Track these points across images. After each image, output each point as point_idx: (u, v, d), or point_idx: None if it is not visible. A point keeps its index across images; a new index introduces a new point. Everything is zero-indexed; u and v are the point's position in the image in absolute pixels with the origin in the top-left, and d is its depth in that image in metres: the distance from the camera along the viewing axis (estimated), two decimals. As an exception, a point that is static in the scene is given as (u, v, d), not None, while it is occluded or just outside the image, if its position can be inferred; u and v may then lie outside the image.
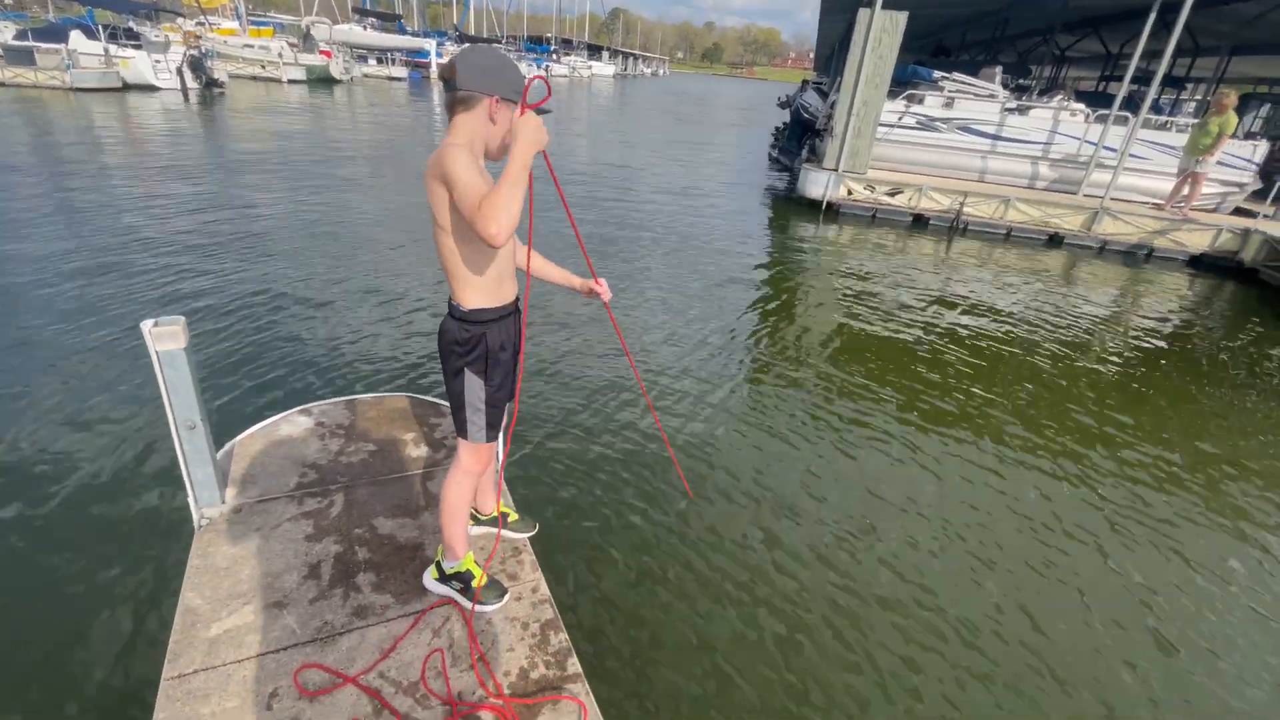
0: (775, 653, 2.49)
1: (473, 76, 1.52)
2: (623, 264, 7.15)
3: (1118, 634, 2.75)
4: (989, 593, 2.91)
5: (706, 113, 34.41)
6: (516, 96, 1.58)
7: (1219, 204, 10.53)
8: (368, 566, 2.03)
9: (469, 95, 1.53)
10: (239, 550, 2.03)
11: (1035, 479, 3.82)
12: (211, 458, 2.11)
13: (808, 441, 3.97)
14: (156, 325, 1.86)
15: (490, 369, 1.70)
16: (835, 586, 2.84)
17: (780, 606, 2.71)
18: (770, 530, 3.15)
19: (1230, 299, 8.35)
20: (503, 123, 1.59)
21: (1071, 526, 3.41)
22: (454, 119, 1.57)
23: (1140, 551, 3.28)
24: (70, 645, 2.27)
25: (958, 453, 4.00)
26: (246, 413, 3.59)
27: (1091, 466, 3.99)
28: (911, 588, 2.88)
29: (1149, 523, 3.51)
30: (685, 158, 16.45)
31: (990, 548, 3.20)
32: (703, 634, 2.53)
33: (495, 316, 1.68)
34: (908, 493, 3.56)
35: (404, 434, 2.73)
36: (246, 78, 26.52)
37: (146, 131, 12.71)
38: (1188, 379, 5.58)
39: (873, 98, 9.95)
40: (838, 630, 2.63)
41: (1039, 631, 2.72)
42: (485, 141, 1.59)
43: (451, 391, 1.74)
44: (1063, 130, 10.63)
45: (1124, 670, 2.58)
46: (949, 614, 2.76)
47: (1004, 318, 6.58)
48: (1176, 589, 3.05)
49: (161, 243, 6.32)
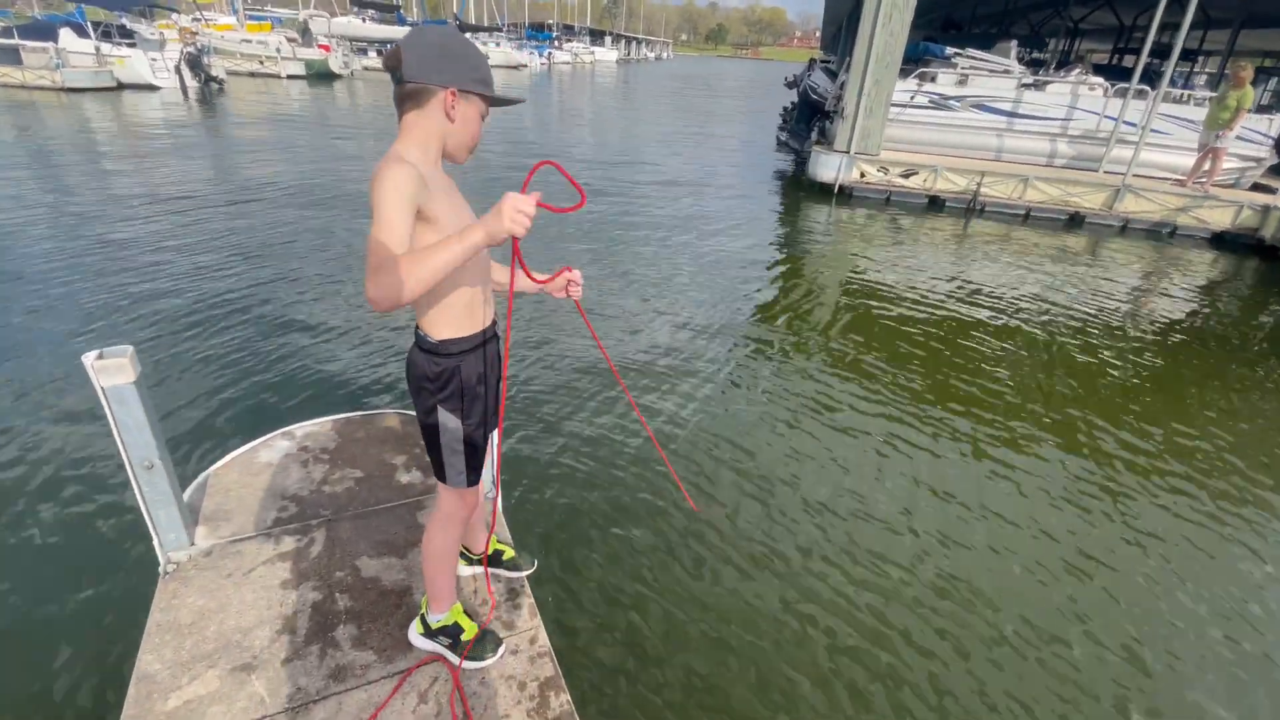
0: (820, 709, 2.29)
1: (423, 64, 1.24)
2: (629, 254, 6.91)
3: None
4: (1053, 598, 2.69)
5: (712, 96, 33.87)
6: (481, 87, 1.32)
7: (1237, 179, 10.12)
8: (348, 617, 1.83)
9: (419, 88, 1.26)
10: (206, 601, 1.84)
11: (1068, 464, 3.59)
12: (175, 497, 1.91)
13: (828, 437, 3.74)
14: (100, 358, 1.65)
15: (468, 406, 1.48)
16: (886, 622, 2.63)
17: (823, 654, 2.49)
18: (795, 546, 2.93)
19: (1255, 277, 8.01)
20: (464, 119, 1.32)
21: (1101, 509, 3.18)
22: (404, 118, 1.30)
23: (1161, 532, 3.05)
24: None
25: (988, 443, 3.77)
26: (228, 435, 3.37)
27: (1126, 453, 3.75)
28: (962, 593, 2.66)
29: (1173, 506, 3.27)
30: (691, 144, 16.10)
31: (1036, 541, 2.97)
32: (725, 690, 2.31)
33: (470, 346, 1.46)
34: (938, 483, 3.34)
35: (394, 457, 2.53)
36: (245, 74, 26.26)
37: (147, 133, 12.50)
38: (1213, 360, 5.33)
39: (884, 77, 9.59)
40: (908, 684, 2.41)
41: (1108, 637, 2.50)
42: (443, 141, 1.33)
43: (426, 432, 1.52)
44: (1081, 105, 10.22)
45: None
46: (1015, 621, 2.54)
47: (1025, 301, 6.29)
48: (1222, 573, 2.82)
49: (150, 252, 6.14)
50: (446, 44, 1.27)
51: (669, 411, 3.96)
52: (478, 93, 1.32)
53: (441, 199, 1.30)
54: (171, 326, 4.58)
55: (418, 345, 1.46)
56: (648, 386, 4.24)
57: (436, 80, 1.26)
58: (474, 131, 1.37)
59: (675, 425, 3.82)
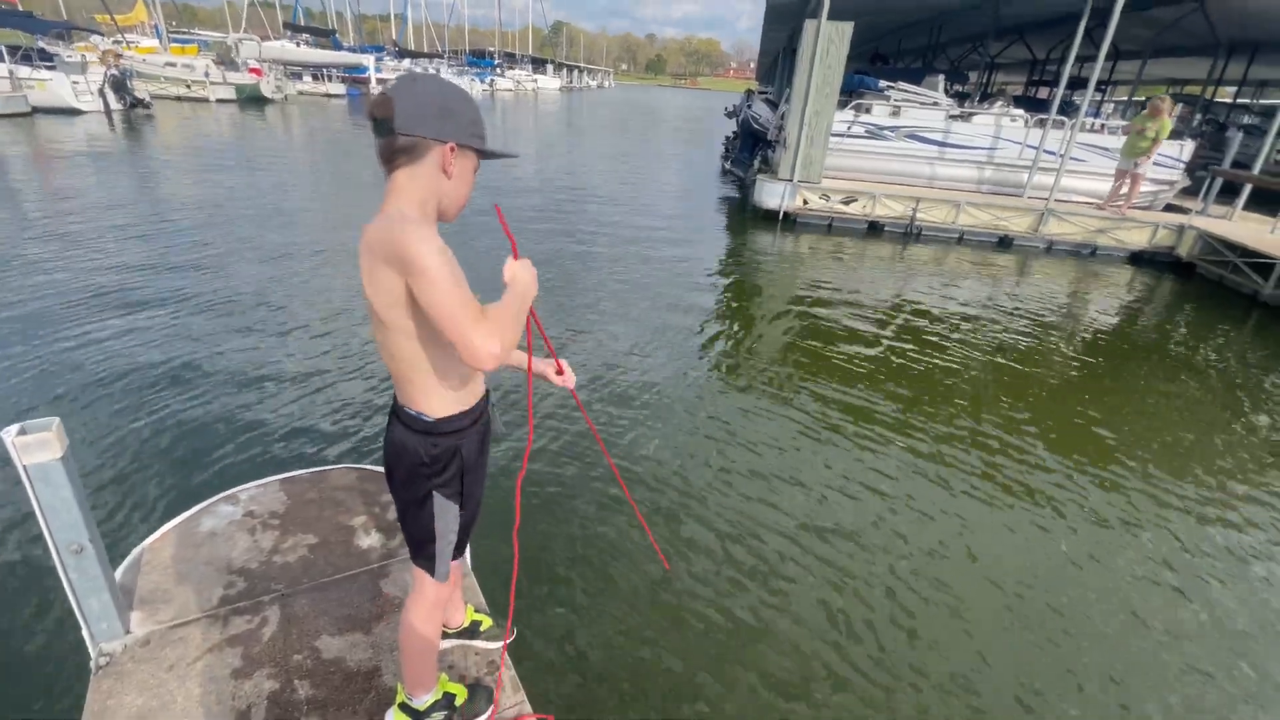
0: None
1: (419, 116, 1.14)
2: (574, 285, 6.85)
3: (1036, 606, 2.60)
4: (1026, 652, 2.73)
5: (655, 125, 34.49)
6: (478, 142, 1.24)
7: (1151, 202, 10.94)
8: (311, 707, 1.67)
9: (414, 142, 1.15)
10: (146, 700, 1.64)
11: (1003, 466, 3.70)
12: (107, 581, 1.72)
13: (787, 462, 3.74)
14: (22, 434, 1.47)
15: (469, 488, 1.36)
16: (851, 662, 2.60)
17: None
18: (764, 587, 2.89)
19: (1170, 292, 8.63)
20: (460, 177, 1.23)
21: (1026, 512, 3.29)
22: (394, 174, 1.18)
23: (1074, 522, 3.17)
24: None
25: (940, 460, 3.85)
26: (161, 502, 3.07)
27: (1061, 459, 3.91)
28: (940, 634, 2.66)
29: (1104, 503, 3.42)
30: (637, 172, 16.29)
31: (1004, 587, 3.02)
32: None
33: (470, 421, 1.34)
34: (873, 483, 3.37)
35: (351, 518, 2.36)
36: (171, 98, 25.09)
37: (74, 162, 11.70)
38: (1134, 370, 5.70)
39: (824, 107, 9.95)
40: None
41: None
42: (438, 200, 1.23)
43: (413, 522, 1.38)
44: (1004, 135, 10.87)
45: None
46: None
47: (960, 318, 6.56)
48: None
49: (69, 300, 5.70)
50: (444, 96, 1.18)
51: (627, 456, 3.89)
52: (474, 148, 1.24)
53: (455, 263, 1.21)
54: (88, 380, 4.20)
55: (406, 425, 1.31)
56: (599, 414, 4.16)
57: (434, 134, 1.16)
58: (467, 190, 1.28)
59: (635, 462, 3.75)
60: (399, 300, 1.14)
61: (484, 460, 1.44)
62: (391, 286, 1.13)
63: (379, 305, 1.17)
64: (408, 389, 1.28)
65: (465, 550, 1.53)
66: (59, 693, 2.19)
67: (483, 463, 1.43)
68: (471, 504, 1.41)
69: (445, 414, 1.30)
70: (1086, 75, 10.78)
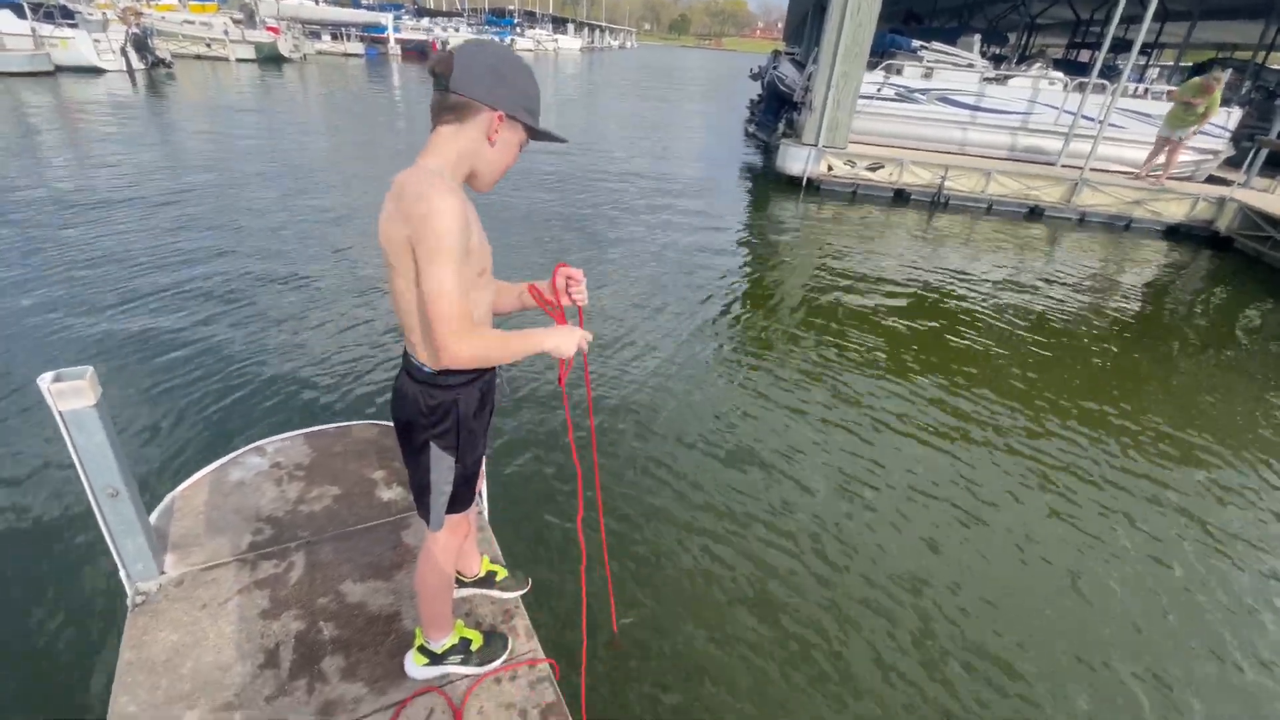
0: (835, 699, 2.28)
1: (476, 78, 1.17)
2: (591, 252, 6.81)
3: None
4: (1052, 633, 2.75)
5: (678, 86, 33.72)
6: (529, 118, 1.25)
7: (1193, 172, 10.52)
8: (335, 646, 1.74)
9: (465, 102, 1.18)
10: (180, 636, 1.73)
11: (1036, 446, 3.68)
12: (142, 524, 1.79)
13: (798, 431, 3.75)
14: (58, 380, 1.52)
15: (463, 442, 1.39)
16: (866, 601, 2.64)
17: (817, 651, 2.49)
18: (785, 550, 2.93)
19: (1207, 267, 8.36)
20: (504, 148, 1.25)
21: (1055, 490, 3.27)
22: (438, 128, 1.21)
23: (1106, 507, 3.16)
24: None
25: (957, 436, 3.83)
26: (192, 453, 3.18)
27: (1080, 433, 3.86)
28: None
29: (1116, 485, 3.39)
30: (659, 135, 16.01)
31: (1024, 547, 3.03)
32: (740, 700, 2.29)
33: (470, 379, 1.36)
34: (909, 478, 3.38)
35: (374, 471, 2.43)
36: (191, 57, 25.04)
37: (100, 121, 11.78)
38: (1163, 352, 5.57)
39: (852, 69, 9.64)
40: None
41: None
42: (474, 165, 1.25)
43: (412, 470, 1.43)
44: (1041, 100, 10.47)
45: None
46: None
47: (988, 293, 6.43)
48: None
49: (102, 258, 5.81)
50: (503, 64, 1.20)
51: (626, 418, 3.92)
52: (524, 123, 1.26)
53: (476, 229, 1.24)
54: (123, 337, 4.31)
55: (409, 375, 1.35)
56: (605, 384, 4.19)
57: (486, 99, 1.18)
58: (509, 162, 1.30)
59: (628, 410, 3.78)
60: (407, 252, 1.16)
61: (484, 419, 1.46)
62: (402, 238, 1.15)
63: (391, 251, 1.19)
64: (412, 338, 1.31)
65: (474, 504, 1.56)
66: (94, 632, 2.31)
67: (482, 421, 1.45)
68: (469, 460, 1.43)
69: (443, 368, 1.31)
70: (1131, 38, 10.28)
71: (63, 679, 2.15)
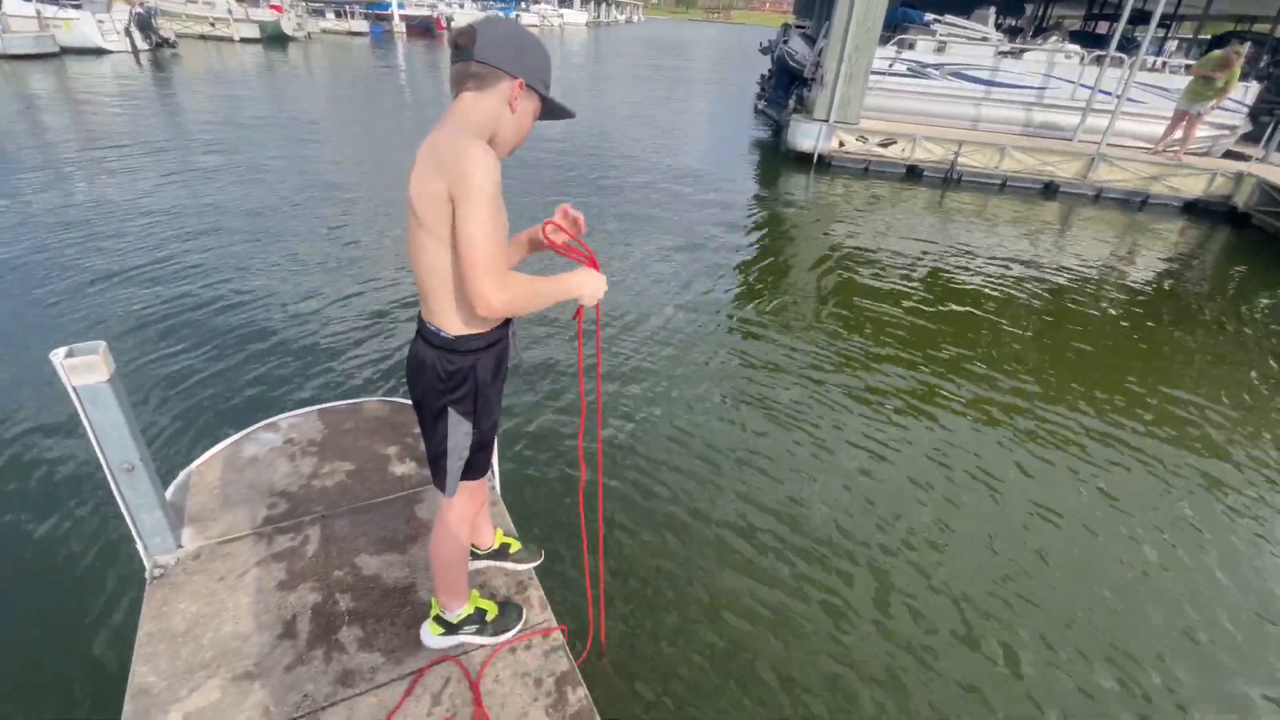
0: (840, 686, 2.30)
1: (498, 49, 1.23)
2: (601, 231, 6.77)
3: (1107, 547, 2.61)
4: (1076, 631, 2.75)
5: (687, 61, 33.20)
6: (543, 88, 1.32)
7: (1210, 147, 10.30)
8: (352, 618, 1.76)
9: (488, 70, 1.23)
10: (200, 607, 1.75)
11: (1054, 424, 3.66)
12: (159, 499, 1.81)
13: (803, 416, 3.74)
14: (70, 355, 1.53)
15: (480, 409, 1.40)
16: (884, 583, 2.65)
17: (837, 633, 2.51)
18: (805, 515, 2.94)
19: (1224, 244, 8.22)
20: (522, 116, 1.31)
21: (1063, 470, 3.26)
22: (460, 96, 1.25)
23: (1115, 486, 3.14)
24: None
25: (970, 414, 3.81)
26: (205, 429, 3.21)
27: (1092, 416, 3.84)
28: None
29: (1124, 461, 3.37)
30: (668, 111, 15.80)
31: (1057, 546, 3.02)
32: (746, 666, 2.31)
33: (487, 344, 1.36)
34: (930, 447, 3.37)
35: (386, 447, 2.44)
36: (195, 37, 24.83)
37: (107, 103, 11.74)
38: (1180, 330, 5.49)
39: (864, 43, 9.45)
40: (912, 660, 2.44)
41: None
42: (496, 132, 1.29)
43: (429, 437, 1.43)
44: (1057, 74, 10.23)
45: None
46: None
47: (1001, 270, 6.35)
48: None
49: (112, 238, 5.82)
50: (522, 39, 1.27)
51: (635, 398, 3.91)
52: (540, 93, 1.32)
53: (502, 202, 1.26)
54: (134, 315, 4.34)
55: (427, 341, 1.35)
56: (615, 364, 4.18)
57: (508, 68, 1.24)
58: (524, 130, 1.34)
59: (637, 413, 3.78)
60: (443, 208, 1.17)
61: (500, 385, 1.47)
62: (439, 192, 1.16)
63: (421, 208, 1.19)
64: (431, 302, 1.30)
65: (488, 474, 1.57)
66: (113, 604, 2.35)
67: (498, 388, 1.46)
68: (485, 425, 1.44)
69: (462, 333, 1.33)
70: (1150, 8, 10.00)
71: (80, 650, 2.20)
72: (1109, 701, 2.29)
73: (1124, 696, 2.31)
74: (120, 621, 2.28)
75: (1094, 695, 2.30)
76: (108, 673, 2.11)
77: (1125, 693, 2.32)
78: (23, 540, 2.60)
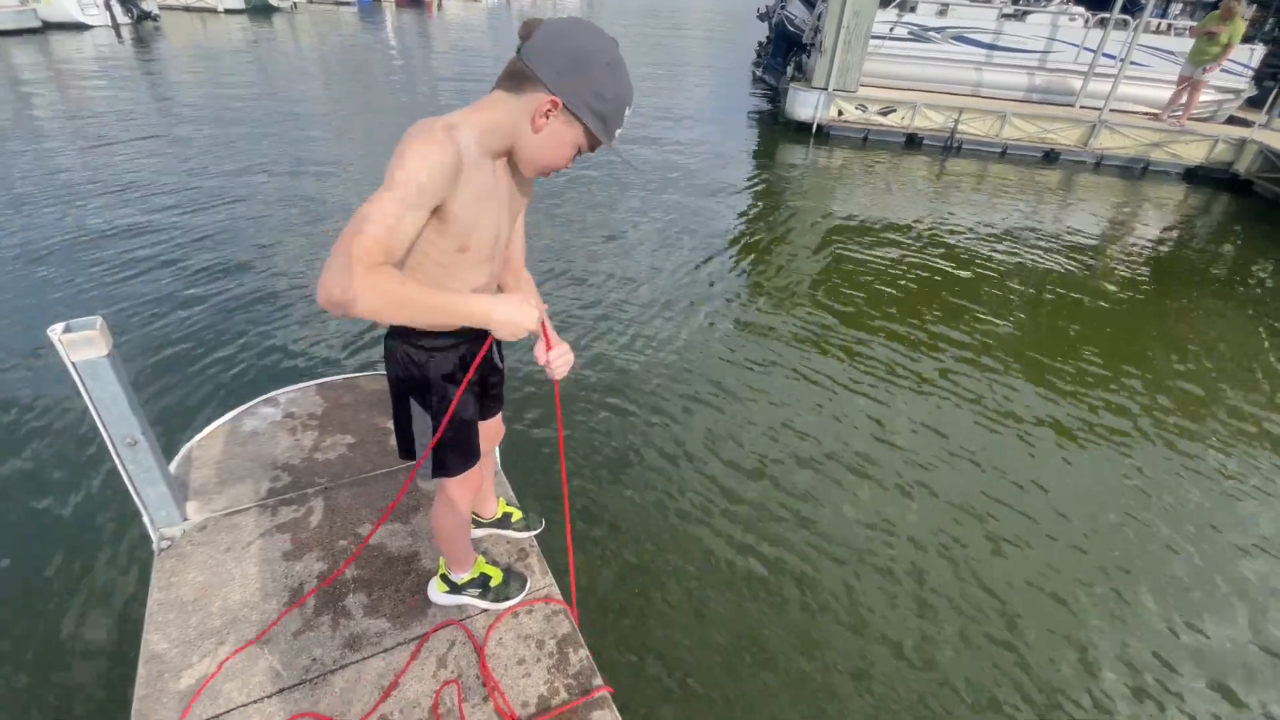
0: (843, 652, 2.36)
1: (549, 57, 1.03)
2: (593, 204, 6.71)
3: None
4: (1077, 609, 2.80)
5: (681, 30, 32.52)
6: (592, 121, 1.08)
7: (1214, 113, 10.16)
8: (357, 586, 1.80)
9: (525, 75, 1.05)
10: (207, 577, 1.78)
11: (1049, 396, 3.69)
12: (163, 473, 1.83)
13: (803, 386, 3.76)
14: (68, 331, 1.53)
15: (435, 406, 1.36)
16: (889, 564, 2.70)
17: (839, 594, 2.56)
18: (803, 495, 2.98)
19: (1225, 211, 8.17)
20: (551, 139, 1.10)
21: (1065, 433, 3.30)
22: (495, 89, 1.11)
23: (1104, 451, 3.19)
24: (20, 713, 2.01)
25: (968, 381, 3.84)
26: (202, 404, 3.24)
27: (1092, 384, 3.87)
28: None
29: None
30: (665, 80, 15.54)
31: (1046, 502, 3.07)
32: (747, 631, 2.36)
33: (445, 345, 1.32)
34: (921, 431, 3.40)
35: (385, 420, 2.45)
36: (179, 8, 24.24)
37: (88, 78, 11.52)
38: (1179, 298, 5.49)
39: (864, 7, 9.25)
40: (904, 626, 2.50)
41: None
42: (511, 143, 1.12)
43: (396, 419, 1.42)
44: (1060, 37, 10.05)
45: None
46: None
47: (1001, 240, 6.33)
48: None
49: (106, 215, 5.76)
50: (593, 57, 1.05)
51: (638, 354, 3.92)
52: (585, 124, 1.09)
53: (470, 199, 1.10)
54: (129, 293, 4.33)
55: (391, 328, 1.31)
56: (615, 335, 4.18)
57: (548, 80, 1.04)
58: (556, 158, 1.14)
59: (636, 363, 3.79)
60: None
61: (469, 392, 1.40)
62: None
63: None
64: None
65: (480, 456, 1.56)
66: (121, 575, 2.39)
67: (467, 394, 1.39)
68: (445, 423, 1.37)
69: (423, 328, 1.27)
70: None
71: (96, 621, 2.24)
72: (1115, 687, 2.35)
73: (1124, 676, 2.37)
74: (131, 592, 2.32)
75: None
76: (119, 641, 2.16)
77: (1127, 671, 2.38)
78: (32, 513, 2.63)
